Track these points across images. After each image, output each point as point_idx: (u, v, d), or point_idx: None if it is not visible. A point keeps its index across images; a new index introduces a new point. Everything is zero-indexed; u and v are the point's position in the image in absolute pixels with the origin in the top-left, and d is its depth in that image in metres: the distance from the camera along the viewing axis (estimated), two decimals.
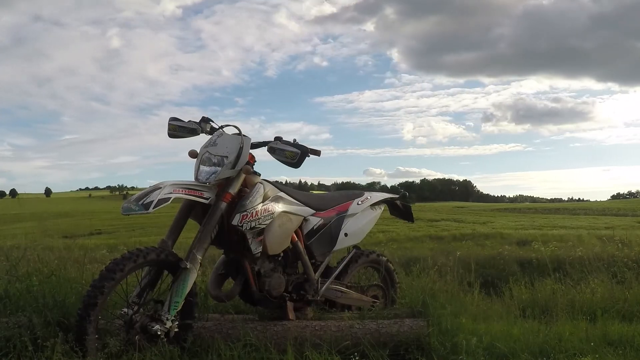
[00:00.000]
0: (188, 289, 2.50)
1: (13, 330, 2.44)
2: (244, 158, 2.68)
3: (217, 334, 2.68)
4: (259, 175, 2.80)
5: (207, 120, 2.95)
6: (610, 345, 2.92)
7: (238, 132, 2.75)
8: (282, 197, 2.86)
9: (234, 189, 2.67)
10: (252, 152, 2.77)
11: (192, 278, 2.51)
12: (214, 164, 2.63)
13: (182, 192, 2.50)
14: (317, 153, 2.78)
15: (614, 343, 2.97)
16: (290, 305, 2.93)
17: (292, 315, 2.91)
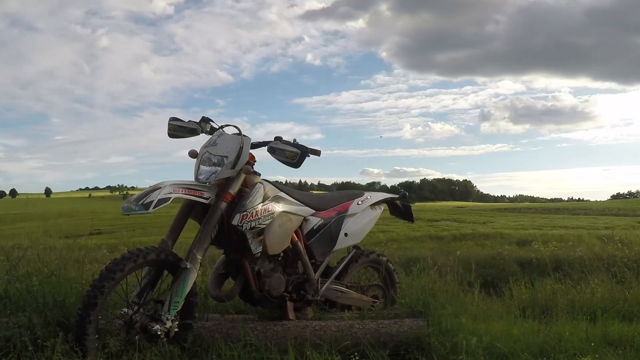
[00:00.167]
0: (188, 289, 2.50)
1: (13, 330, 2.44)
2: (244, 158, 2.68)
3: (217, 334, 2.68)
4: (259, 175, 2.80)
5: (207, 120, 2.95)
6: (610, 345, 2.92)
7: (238, 132, 2.75)
8: (282, 197, 2.86)
9: (234, 189, 2.67)
10: (252, 152, 2.77)
11: (192, 278, 2.52)
12: (214, 164, 2.63)
13: (182, 192, 2.50)
14: (317, 153, 2.78)
15: (614, 343, 2.97)
16: (290, 305, 2.93)
17: (292, 315, 2.91)
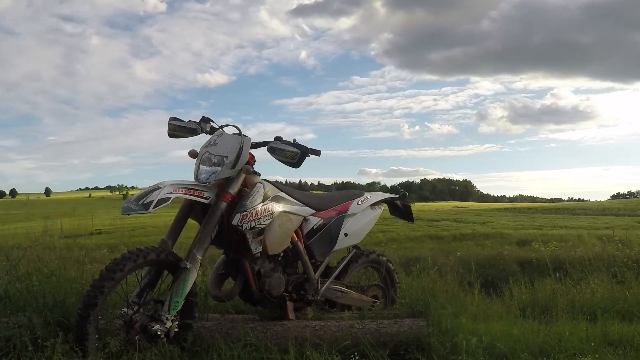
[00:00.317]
0: (188, 289, 2.50)
1: (13, 330, 2.43)
2: (244, 158, 2.68)
3: (217, 334, 2.68)
4: (259, 175, 2.80)
5: (207, 120, 2.95)
6: (610, 345, 2.92)
7: (238, 132, 2.75)
8: (282, 197, 2.86)
9: (234, 189, 2.66)
10: (252, 152, 2.77)
11: (192, 278, 2.51)
12: (214, 164, 2.63)
13: (182, 192, 2.50)
14: (317, 153, 2.78)
15: (614, 343, 2.97)
16: (290, 305, 2.93)
17: (292, 315, 2.91)
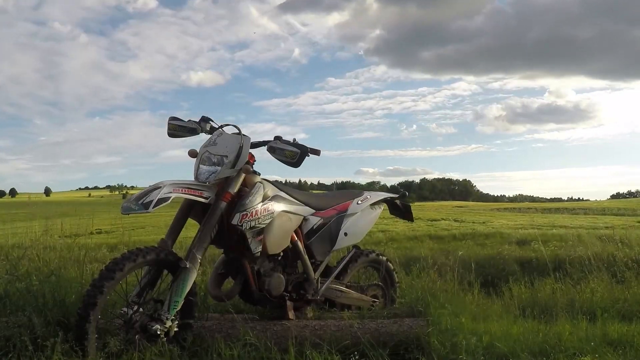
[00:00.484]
0: (188, 289, 2.50)
1: (13, 330, 2.44)
2: (244, 157, 2.68)
3: (217, 334, 2.68)
4: (259, 175, 2.80)
5: (206, 120, 2.95)
6: (610, 345, 2.92)
7: (238, 131, 2.75)
8: (281, 196, 2.86)
9: (234, 189, 2.66)
10: (251, 151, 2.77)
11: (191, 278, 2.51)
12: (214, 164, 2.63)
13: (181, 191, 2.50)
14: (317, 153, 2.78)
15: (614, 343, 2.97)
16: (290, 305, 2.93)
17: (292, 315, 2.91)
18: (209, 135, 2.81)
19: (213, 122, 2.95)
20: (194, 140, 2.94)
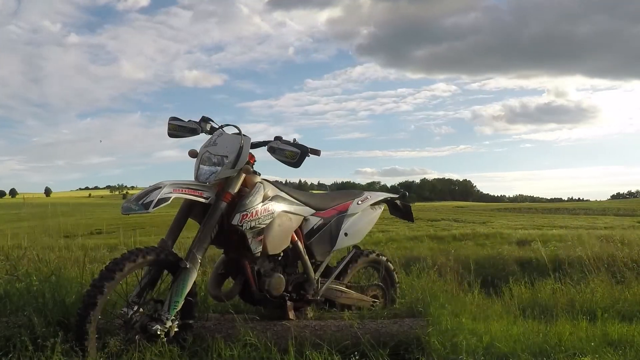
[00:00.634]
0: (188, 289, 2.50)
1: (13, 330, 2.44)
2: (244, 158, 2.67)
3: (217, 334, 2.68)
4: (259, 175, 2.80)
5: (207, 120, 2.95)
6: (610, 345, 2.92)
7: (238, 131, 2.75)
8: (282, 196, 2.86)
9: (234, 189, 2.66)
10: (252, 151, 2.77)
11: (192, 278, 2.51)
12: (214, 164, 2.63)
13: (182, 191, 2.50)
14: (317, 153, 2.78)
15: (614, 343, 2.97)
16: (290, 305, 2.93)
17: (292, 315, 2.91)
18: (209, 136, 2.81)
19: (213, 122, 2.95)
20: (188, 141, 2.96)
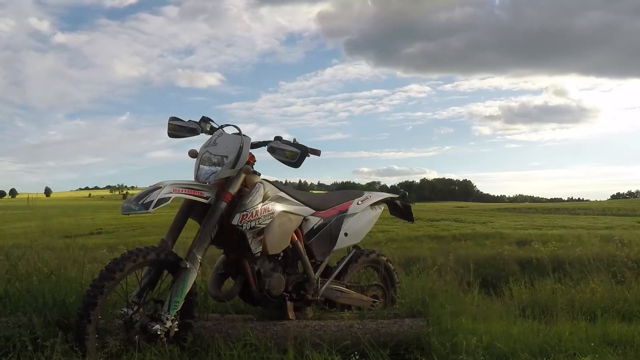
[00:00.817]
0: (188, 289, 2.50)
1: (13, 330, 2.44)
2: (244, 158, 2.68)
3: (217, 334, 2.68)
4: (259, 175, 2.80)
5: (207, 120, 2.95)
6: (610, 345, 2.93)
7: (238, 131, 2.75)
8: (282, 196, 2.86)
9: (234, 189, 2.66)
10: (252, 151, 2.77)
11: (192, 278, 2.51)
12: (214, 164, 2.63)
13: (182, 191, 2.50)
14: (317, 153, 2.78)
15: (614, 343, 2.97)
16: (290, 305, 2.93)
17: (292, 315, 2.91)
18: (209, 136, 2.81)
19: (213, 122, 2.95)
20: (181, 141, 2.96)
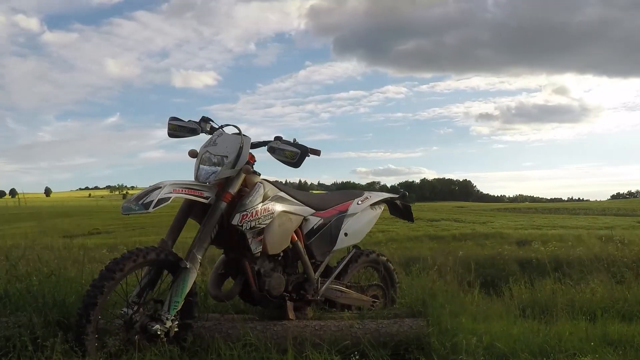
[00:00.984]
0: (188, 289, 2.50)
1: (13, 330, 2.44)
2: (244, 158, 2.68)
3: (217, 334, 2.68)
4: (259, 175, 2.80)
5: (207, 120, 2.95)
6: (610, 345, 2.93)
7: (238, 131, 2.75)
8: (282, 196, 2.86)
9: (234, 189, 2.66)
10: (252, 151, 2.77)
11: (192, 278, 2.51)
12: (214, 164, 2.63)
13: (182, 191, 2.50)
14: (317, 153, 2.78)
15: (614, 343, 2.97)
16: (290, 305, 2.93)
17: (292, 315, 2.91)
18: (209, 136, 2.81)
19: (213, 122, 2.95)
20: (173, 141, 2.97)
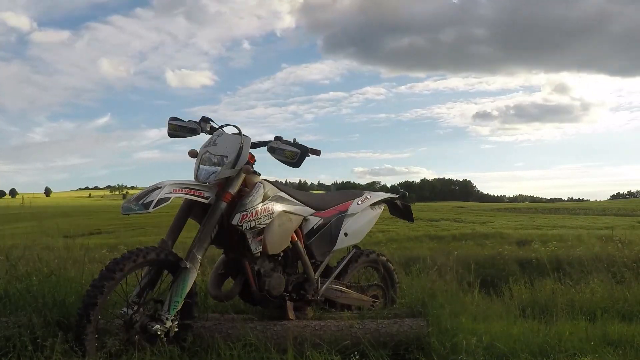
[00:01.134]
0: (188, 289, 2.50)
1: (13, 330, 2.44)
2: (244, 158, 2.68)
3: (217, 334, 2.68)
4: (259, 175, 2.80)
5: (207, 120, 2.95)
6: (610, 345, 2.93)
7: (238, 131, 2.75)
8: (282, 196, 2.86)
9: (234, 189, 2.66)
10: (252, 151, 2.77)
11: (192, 278, 2.51)
12: (214, 164, 2.63)
13: (182, 191, 2.50)
14: (317, 153, 2.78)
15: (614, 343, 2.97)
16: (290, 305, 2.93)
17: (292, 315, 2.91)
18: (209, 136, 2.82)
19: (213, 122, 2.95)
20: (168, 141, 2.96)
